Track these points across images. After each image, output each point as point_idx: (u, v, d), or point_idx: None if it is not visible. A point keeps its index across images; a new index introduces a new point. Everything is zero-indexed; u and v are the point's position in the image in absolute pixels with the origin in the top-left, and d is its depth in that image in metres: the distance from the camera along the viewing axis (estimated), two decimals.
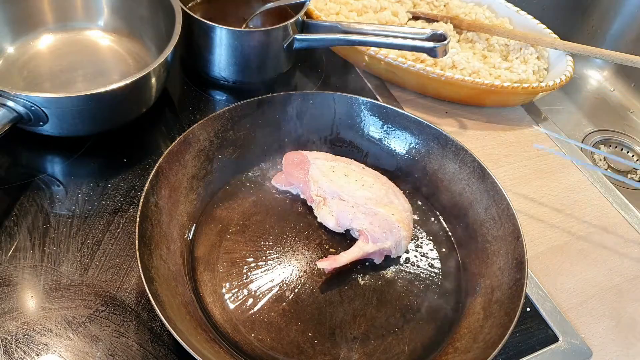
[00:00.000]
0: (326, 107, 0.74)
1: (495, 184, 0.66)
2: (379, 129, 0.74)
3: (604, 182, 0.81)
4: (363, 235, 0.64)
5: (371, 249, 0.63)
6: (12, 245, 0.62)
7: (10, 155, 0.71)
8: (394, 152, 0.74)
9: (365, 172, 0.70)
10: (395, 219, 0.65)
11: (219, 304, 0.59)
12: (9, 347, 0.54)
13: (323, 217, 0.67)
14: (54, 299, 0.58)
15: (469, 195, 0.69)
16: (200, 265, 0.62)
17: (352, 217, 0.65)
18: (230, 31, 0.77)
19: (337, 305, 0.61)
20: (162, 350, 0.56)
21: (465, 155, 0.69)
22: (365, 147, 0.75)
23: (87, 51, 0.82)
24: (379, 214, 0.65)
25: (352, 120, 0.74)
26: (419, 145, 0.73)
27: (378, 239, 0.64)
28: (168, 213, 0.62)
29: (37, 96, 0.62)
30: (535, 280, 0.68)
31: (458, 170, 0.70)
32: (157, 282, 0.55)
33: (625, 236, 0.75)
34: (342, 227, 0.66)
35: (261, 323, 0.58)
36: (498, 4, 0.99)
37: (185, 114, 0.79)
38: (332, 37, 0.82)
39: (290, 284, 0.62)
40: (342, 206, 0.66)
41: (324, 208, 0.67)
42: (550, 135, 0.86)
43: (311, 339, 0.58)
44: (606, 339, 0.64)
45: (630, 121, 1.14)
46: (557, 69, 0.89)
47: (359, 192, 0.67)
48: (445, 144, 0.71)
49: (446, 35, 0.78)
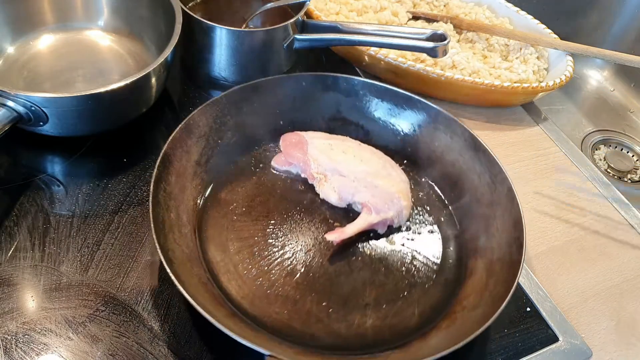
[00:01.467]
0: (319, 89, 0.76)
1: (487, 152, 0.69)
2: (371, 107, 0.76)
3: (604, 182, 0.81)
4: (366, 207, 0.67)
5: (375, 219, 0.66)
6: (12, 245, 0.62)
7: (10, 155, 0.71)
8: (387, 128, 0.77)
9: (362, 147, 0.73)
10: (395, 190, 0.68)
11: (234, 281, 0.61)
12: (9, 347, 0.55)
13: (325, 194, 0.69)
14: (54, 299, 0.58)
15: (462, 164, 0.72)
16: (211, 247, 0.64)
17: (354, 191, 0.68)
18: (230, 31, 0.77)
19: (347, 275, 0.64)
20: (162, 350, 0.56)
21: (456, 126, 0.72)
22: (363, 125, 0.77)
23: (87, 51, 0.82)
24: (379, 187, 0.68)
25: (350, 100, 0.77)
26: (412, 119, 0.75)
27: (381, 209, 0.66)
28: (176, 198, 0.63)
29: (37, 96, 0.62)
30: (535, 280, 0.68)
31: (450, 142, 0.73)
32: (175, 264, 0.56)
33: (625, 236, 0.75)
34: (344, 201, 0.69)
35: (277, 297, 0.61)
36: (498, 4, 0.99)
37: (185, 114, 0.79)
38: (332, 37, 0.82)
39: (301, 259, 0.64)
40: (343, 181, 0.69)
41: (325, 185, 0.69)
42: (551, 135, 0.86)
43: (326, 308, 0.60)
44: (606, 339, 0.64)
45: (630, 121, 1.14)
46: (557, 69, 0.89)
47: (358, 167, 0.70)
48: (436, 118, 0.74)
49: (446, 35, 0.78)
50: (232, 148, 0.72)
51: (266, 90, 0.74)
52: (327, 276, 0.63)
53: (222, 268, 0.62)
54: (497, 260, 0.63)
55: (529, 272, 0.68)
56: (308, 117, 0.76)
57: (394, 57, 0.83)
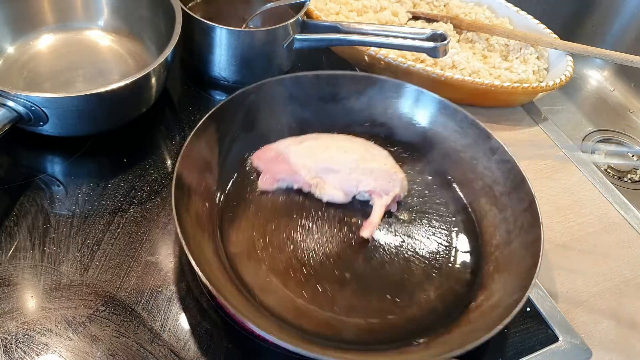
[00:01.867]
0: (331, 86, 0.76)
1: (484, 130, 0.71)
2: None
3: (604, 182, 0.81)
4: (374, 193, 0.68)
5: (388, 200, 0.67)
6: (12, 245, 0.62)
7: (10, 155, 0.71)
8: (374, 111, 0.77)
9: (337, 138, 0.73)
10: (388, 167, 0.69)
11: (272, 297, 0.60)
12: (9, 347, 0.55)
13: (329, 195, 0.68)
14: (54, 299, 0.58)
15: (459, 145, 0.73)
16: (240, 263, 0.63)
17: (355, 182, 0.68)
18: (230, 31, 0.77)
19: (388, 265, 0.65)
20: (162, 350, 0.56)
21: (447, 105, 0.74)
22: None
23: (87, 51, 0.82)
24: (374, 169, 0.69)
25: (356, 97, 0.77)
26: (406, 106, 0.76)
27: (388, 189, 0.67)
28: (194, 189, 0.63)
29: (37, 96, 0.62)
30: (536, 280, 0.68)
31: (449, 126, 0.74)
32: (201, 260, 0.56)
33: (625, 236, 0.75)
34: (349, 195, 0.69)
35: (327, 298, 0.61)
36: (498, 4, 0.99)
37: (185, 114, 0.79)
38: (332, 37, 0.82)
39: (337, 263, 0.64)
40: (341, 177, 0.68)
41: (325, 187, 0.68)
42: (551, 135, 0.86)
43: (390, 299, 0.62)
44: (606, 339, 0.64)
45: (630, 121, 1.14)
46: (557, 69, 0.89)
47: (347, 158, 0.69)
48: (418, 97, 0.75)
49: (446, 35, 0.78)
50: (246, 144, 0.72)
51: (275, 90, 0.74)
52: (371, 269, 0.64)
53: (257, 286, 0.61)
54: (515, 224, 0.65)
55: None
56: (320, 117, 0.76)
57: (394, 57, 0.83)
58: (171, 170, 0.72)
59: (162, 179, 0.71)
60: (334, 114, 0.75)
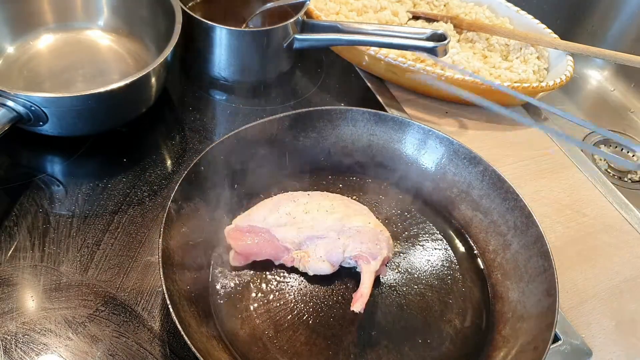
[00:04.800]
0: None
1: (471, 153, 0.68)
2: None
3: (604, 182, 0.81)
4: (361, 258, 0.61)
5: (377, 265, 0.60)
6: (12, 245, 0.62)
7: (10, 155, 0.71)
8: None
9: (313, 196, 0.65)
10: (373, 226, 0.62)
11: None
12: (9, 347, 0.54)
13: (315, 268, 0.61)
14: (54, 299, 0.58)
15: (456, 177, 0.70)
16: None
17: (342, 248, 0.61)
18: (230, 31, 0.77)
19: (406, 306, 0.61)
20: (162, 350, 0.56)
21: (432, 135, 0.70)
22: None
23: (87, 51, 0.82)
24: (360, 230, 0.62)
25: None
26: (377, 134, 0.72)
27: (375, 253, 0.61)
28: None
29: (37, 96, 0.62)
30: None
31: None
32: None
33: (625, 236, 0.75)
34: (336, 265, 0.62)
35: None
36: (498, 4, 0.99)
37: (185, 114, 0.79)
38: (332, 37, 0.82)
39: (357, 322, 0.60)
40: (328, 244, 0.61)
41: (310, 260, 0.61)
42: (551, 135, 0.86)
43: (422, 342, 0.59)
44: (606, 339, 0.64)
45: (630, 121, 1.14)
46: (557, 69, 0.89)
47: (330, 220, 0.62)
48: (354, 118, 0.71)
49: (446, 35, 0.78)
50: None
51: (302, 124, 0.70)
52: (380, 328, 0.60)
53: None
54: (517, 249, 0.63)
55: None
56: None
57: (394, 57, 0.83)
58: (171, 170, 0.72)
59: (162, 179, 0.70)
60: (297, 156, 0.71)
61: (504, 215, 0.66)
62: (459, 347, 0.59)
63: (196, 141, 0.76)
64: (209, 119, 0.79)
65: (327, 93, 0.86)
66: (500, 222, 0.66)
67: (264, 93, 0.84)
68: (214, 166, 0.63)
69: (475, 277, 0.65)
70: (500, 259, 0.65)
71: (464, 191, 0.69)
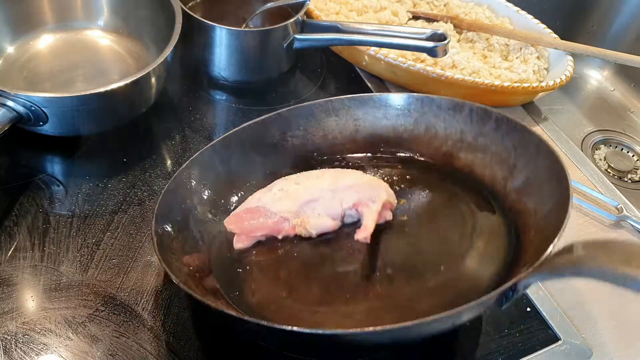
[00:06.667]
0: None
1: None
2: None
3: (604, 182, 0.81)
4: (361, 204, 0.61)
5: (378, 206, 0.61)
6: (11, 245, 0.62)
7: (10, 155, 0.71)
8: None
9: (303, 173, 0.66)
10: (367, 179, 0.64)
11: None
12: (8, 347, 0.54)
13: (317, 226, 0.61)
14: (54, 299, 0.58)
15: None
16: None
17: (339, 201, 0.62)
18: (230, 31, 0.77)
19: (411, 256, 0.61)
20: (162, 350, 0.56)
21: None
22: None
23: (87, 51, 0.82)
24: (354, 184, 0.63)
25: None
26: None
27: (374, 197, 0.61)
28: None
29: (37, 96, 0.62)
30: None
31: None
32: None
33: (625, 236, 0.75)
34: (338, 218, 0.62)
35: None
36: (498, 4, 0.99)
37: (185, 114, 0.79)
38: (332, 36, 0.82)
39: (371, 264, 0.60)
40: (323, 203, 0.62)
41: (310, 220, 0.61)
42: (551, 135, 0.86)
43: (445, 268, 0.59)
44: (606, 339, 0.64)
45: (631, 121, 1.13)
46: (557, 69, 0.89)
47: (322, 183, 0.63)
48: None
49: (446, 35, 0.78)
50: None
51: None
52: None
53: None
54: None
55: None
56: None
57: (394, 57, 0.83)
58: (171, 170, 0.72)
59: (162, 179, 0.70)
60: (289, 156, 0.71)
61: (501, 143, 0.65)
62: (484, 267, 0.58)
63: (196, 141, 0.76)
64: (209, 119, 0.79)
65: (327, 93, 0.86)
66: (500, 150, 0.66)
67: (264, 93, 0.85)
68: (202, 174, 0.64)
69: (492, 205, 0.64)
70: (511, 183, 0.64)
71: (458, 140, 0.69)
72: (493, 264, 0.58)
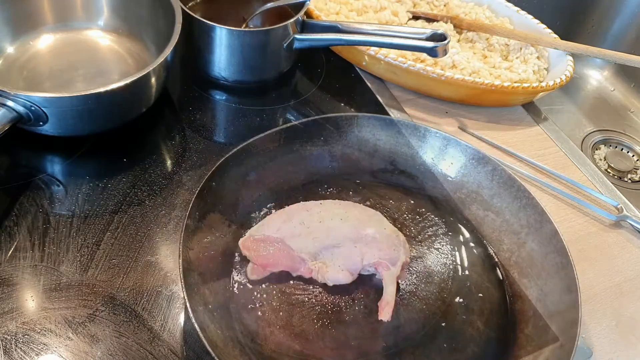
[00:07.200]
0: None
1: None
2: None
3: (604, 182, 0.81)
4: (381, 265, 0.60)
5: (397, 270, 0.59)
6: (12, 245, 0.62)
7: (10, 155, 0.71)
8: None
9: (325, 205, 0.64)
10: (388, 231, 0.62)
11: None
12: (8, 347, 0.54)
13: (334, 279, 0.60)
14: (54, 299, 0.58)
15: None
16: None
17: (360, 256, 0.60)
18: (230, 31, 0.77)
19: (419, 328, 0.60)
20: (162, 350, 0.56)
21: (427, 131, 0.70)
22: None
23: (87, 51, 0.82)
24: (376, 236, 0.61)
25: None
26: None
27: (394, 258, 0.60)
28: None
29: (37, 96, 0.62)
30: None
31: None
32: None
33: (625, 236, 0.75)
34: (355, 273, 0.60)
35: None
36: (498, 4, 0.99)
37: (185, 114, 0.79)
38: (332, 37, 0.82)
39: (381, 333, 0.59)
40: (344, 253, 0.60)
41: (329, 270, 0.60)
42: (551, 135, 0.86)
43: (447, 346, 0.58)
44: (606, 339, 0.64)
45: (630, 121, 1.14)
46: (557, 69, 0.89)
47: (344, 228, 0.61)
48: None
49: (446, 35, 0.78)
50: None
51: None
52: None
53: None
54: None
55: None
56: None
57: (394, 57, 0.83)
58: (171, 170, 0.72)
59: (162, 179, 0.70)
60: (306, 165, 0.70)
61: (517, 213, 0.65)
62: (483, 349, 0.58)
63: (196, 141, 0.76)
64: (209, 119, 0.79)
65: (327, 93, 0.86)
66: (513, 220, 0.66)
67: (264, 93, 0.85)
68: (226, 180, 0.63)
69: (492, 277, 0.64)
70: (515, 258, 0.64)
71: (473, 191, 0.69)
72: (490, 345, 0.59)
